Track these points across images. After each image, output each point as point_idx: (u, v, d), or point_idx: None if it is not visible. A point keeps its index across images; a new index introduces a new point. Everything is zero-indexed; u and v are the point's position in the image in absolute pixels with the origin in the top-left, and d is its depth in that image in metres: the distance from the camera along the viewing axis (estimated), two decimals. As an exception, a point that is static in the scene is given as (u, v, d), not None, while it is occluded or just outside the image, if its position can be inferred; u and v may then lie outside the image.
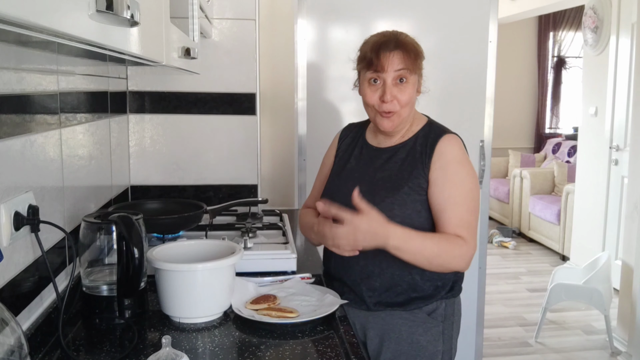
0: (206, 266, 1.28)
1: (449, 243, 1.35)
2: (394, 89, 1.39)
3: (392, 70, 1.38)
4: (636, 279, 3.11)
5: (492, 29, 2.55)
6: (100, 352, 1.14)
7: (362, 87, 1.45)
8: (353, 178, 1.48)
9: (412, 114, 1.49)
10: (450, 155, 1.40)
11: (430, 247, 1.33)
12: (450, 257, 1.35)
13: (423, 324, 1.45)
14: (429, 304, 1.46)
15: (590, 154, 4.65)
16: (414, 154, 1.44)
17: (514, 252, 5.40)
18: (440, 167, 1.39)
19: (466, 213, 1.37)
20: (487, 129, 2.63)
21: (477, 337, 2.75)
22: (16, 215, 1.06)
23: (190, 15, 1.48)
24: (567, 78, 7.46)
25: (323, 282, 1.56)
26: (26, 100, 1.15)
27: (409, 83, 1.40)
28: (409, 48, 1.40)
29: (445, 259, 1.35)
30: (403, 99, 1.40)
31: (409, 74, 1.40)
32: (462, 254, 1.35)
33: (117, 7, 0.62)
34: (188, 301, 1.27)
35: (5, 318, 0.78)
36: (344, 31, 2.52)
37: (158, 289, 1.30)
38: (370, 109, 1.45)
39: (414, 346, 1.44)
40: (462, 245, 1.35)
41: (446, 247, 1.35)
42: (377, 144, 1.52)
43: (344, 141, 1.61)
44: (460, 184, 1.38)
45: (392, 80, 1.39)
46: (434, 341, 1.45)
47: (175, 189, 2.25)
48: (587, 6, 4.68)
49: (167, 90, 2.20)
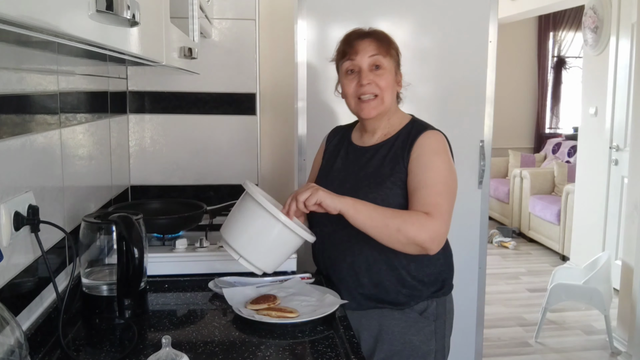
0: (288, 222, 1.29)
1: (409, 213, 1.35)
2: (370, 74, 1.43)
3: (365, 55, 1.42)
4: (636, 279, 3.11)
5: (492, 29, 2.55)
6: (100, 352, 1.14)
7: (341, 81, 1.49)
8: (339, 178, 1.52)
9: (395, 109, 1.52)
10: (427, 147, 1.42)
11: (384, 209, 1.33)
12: (409, 222, 1.32)
13: (415, 324, 1.46)
14: (419, 302, 1.47)
15: (590, 154, 4.65)
16: (395, 149, 1.46)
17: (514, 252, 5.40)
18: (416, 157, 1.41)
19: (436, 195, 1.37)
20: (487, 129, 2.63)
21: (477, 337, 2.74)
22: (16, 215, 1.06)
23: (190, 15, 1.48)
24: (567, 78, 7.46)
25: (323, 282, 1.56)
26: (26, 100, 1.15)
27: (385, 69, 1.44)
28: (380, 36, 1.46)
29: (401, 221, 1.32)
30: (381, 83, 1.43)
31: (383, 59, 1.43)
32: (423, 224, 1.32)
33: (117, 7, 0.62)
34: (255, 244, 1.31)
35: (5, 318, 0.78)
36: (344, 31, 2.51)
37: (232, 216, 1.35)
38: (350, 99, 1.48)
39: (407, 346, 1.45)
40: (425, 218, 1.33)
41: (404, 214, 1.34)
42: (362, 143, 1.54)
43: (331, 142, 1.64)
44: (432, 169, 1.39)
45: (368, 66, 1.43)
46: (427, 340, 1.46)
47: (175, 189, 2.25)
48: (587, 6, 4.67)
49: (167, 90, 2.20)
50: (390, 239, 1.33)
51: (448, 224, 1.38)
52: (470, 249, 2.66)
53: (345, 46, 1.47)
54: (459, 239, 2.60)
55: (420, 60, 2.45)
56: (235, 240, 1.33)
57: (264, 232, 1.31)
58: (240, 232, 1.33)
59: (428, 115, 2.41)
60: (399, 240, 1.33)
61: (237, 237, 1.33)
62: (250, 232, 1.32)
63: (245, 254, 1.33)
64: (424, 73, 2.47)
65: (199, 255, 1.60)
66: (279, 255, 1.37)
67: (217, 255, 1.60)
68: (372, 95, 1.44)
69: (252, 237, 1.32)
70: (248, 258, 1.33)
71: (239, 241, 1.33)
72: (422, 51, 2.47)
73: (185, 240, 1.63)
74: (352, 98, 1.47)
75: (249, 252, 1.33)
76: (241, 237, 1.32)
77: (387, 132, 1.51)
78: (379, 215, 1.32)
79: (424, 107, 2.47)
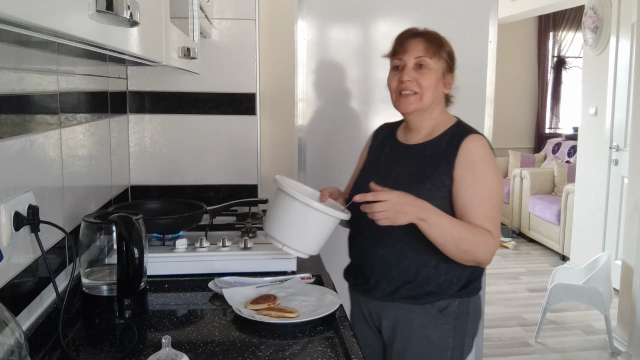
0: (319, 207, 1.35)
1: (477, 230, 1.38)
2: (413, 71, 1.47)
3: (412, 55, 1.46)
4: (636, 279, 3.11)
5: (492, 29, 2.55)
6: (100, 352, 1.14)
7: (388, 76, 1.53)
8: (381, 173, 1.53)
9: (441, 111, 1.55)
10: (476, 154, 1.44)
11: (460, 229, 1.36)
12: (477, 243, 1.37)
13: (434, 320, 1.48)
14: (441, 299, 1.48)
15: (590, 154, 4.65)
16: (439, 152, 1.47)
17: (514, 252, 5.40)
18: (465, 166, 1.43)
19: (492, 210, 1.41)
20: (487, 129, 2.63)
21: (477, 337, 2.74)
22: (16, 215, 1.06)
23: (190, 15, 1.48)
24: (567, 78, 7.45)
25: (323, 282, 1.56)
26: (26, 100, 1.15)
27: (429, 69, 1.47)
28: (431, 36, 1.49)
29: (472, 244, 1.37)
30: (423, 82, 1.46)
31: (429, 60, 1.46)
32: (488, 244, 1.39)
33: (117, 7, 0.62)
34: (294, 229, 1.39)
35: (5, 318, 0.78)
36: (344, 31, 2.52)
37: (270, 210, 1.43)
38: (392, 93, 1.51)
39: (423, 340, 1.48)
40: (489, 237, 1.38)
41: (475, 233, 1.37)
42: (406, 141, 1.57)
43: (377, 139, 1.66)
44: (485, 182, 1.42)
45: (413, 65, 1.47)
46: (444, 337, 1.48)
47: (175, 189, 2.25)
48: (587, 6, 4.67)
49: (167, 90, 2.20)
50: (455, 255, 1.39)
51: None
52: (470, 249, 2.65)
53: (396, 44, 1.51)
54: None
55: (420, 60, 2.45)
56: (277, 231, 1.40)
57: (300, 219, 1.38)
58: (279, 223, 1.40)
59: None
60: (464, 258, 1.40)
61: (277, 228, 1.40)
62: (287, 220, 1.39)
63: (288, 242, 1.39)
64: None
65: (199, 255, 1.60)
66: (319, 237, 1.42)
67: (217, 255, 1.60)
68: (411, 91, 1.47)
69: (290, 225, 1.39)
70: (291, 245, 1.40)
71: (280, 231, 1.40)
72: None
73: (185, 240, 1.63)
74: (394, 93, 1.50)
75: (291, 240, 1.39)
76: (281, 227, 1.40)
77: (432, 133, 1.53)
78: (451, 235, 1.35)
79: (424, 107, 2.47)
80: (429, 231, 1.34)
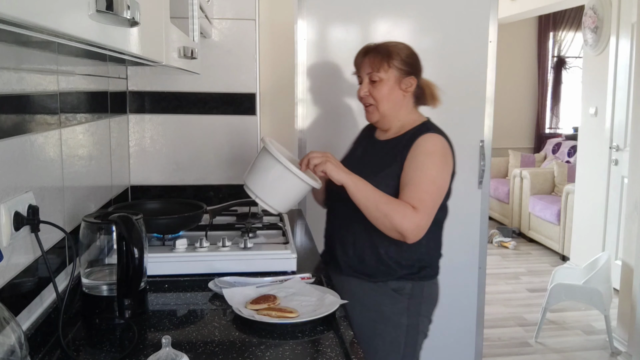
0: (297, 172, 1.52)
1: (399, 201, 1.54)
2: (368, 86, 1.66)
3: (364, 71, 1.67)
4: (636, 279, 3.11)
5: (492, 29, 2.56)
6: (100, 352, 1.14)
7: None
8: (352, 163, 1.68)
9: (409, 111, 1.71)
10: (423, 148, 1.60)
11: (381, 195, 1.53)
12: (394, 209, 1.51)
13: (389, 298, 1.65)
14: (391, 279, 1.65)
15: (590, 154, 4.65)
16: (400, 146, 1.64)
17: (514, 252, 5.41)
18: (411, 157, 1.60)
19: (422, 193, 1.55)
20: (487, 129, 2.63)
21: (477, 337, 2.75)
22: (16, 215, 1.06)
23: (190, 15, 1.48)
24: (567, 78, 7.45)
25: (323, 282, 1.56)
26: (26, 100, 1.15)
27: (381, 82, 1.64)
28: (380, 50, 1.65)
29: (391, 209, 1.51)
30: (377, 95, 1.65)
31: (379, 74, 1.64)
32: (408, 215, 1.51)
33: (117, 7, 0.62)
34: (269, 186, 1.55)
35: (5, 318, 0.78)
36: (344, 31, 2.52)
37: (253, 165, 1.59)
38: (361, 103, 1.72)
39: (378, 314, 1.65)
40: (409, 209, 1.52)
41: (395, 201, 1.54)
42: (379, 137, 1.76)
43: (362, 134, 1.88)
44: (423, 170, 1.57)
45: (368, 80, 1.66)
46: (399, 314, 1.65)
47: (175, 189, 2.25)
48: (587, 6, 4.67)
49: (167, 90, 2.20)
50: (377, 220, 1.54)
51: (430, 219, 1.56)
52: (470, 249, 2.66)
53: (354, 62, 1.71)
54: (459, 239, 2.60)
55: (420, 60, 2.45)
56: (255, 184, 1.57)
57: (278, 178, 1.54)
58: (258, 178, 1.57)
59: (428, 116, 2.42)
60: (384, 224, 1.54)
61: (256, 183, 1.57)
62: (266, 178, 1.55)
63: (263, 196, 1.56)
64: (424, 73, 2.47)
65: (199, 255, 1.60)
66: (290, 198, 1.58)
67: (217, 255, 1.60)
68: (369, 104, 1.68)
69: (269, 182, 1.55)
70: (265, 200, 1.56)
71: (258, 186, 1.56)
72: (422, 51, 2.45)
73: (185, 240, 1.63)
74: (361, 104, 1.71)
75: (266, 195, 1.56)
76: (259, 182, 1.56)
77: (399, 130, 1.70)
78: (374, 198, 1.52)
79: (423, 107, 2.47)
80: (355, 191, 1.52)
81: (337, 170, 1.53)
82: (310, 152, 1.56)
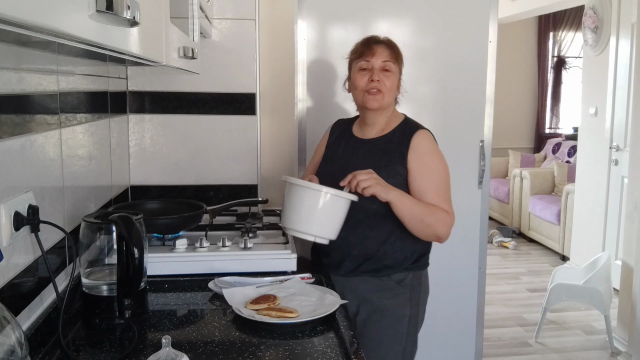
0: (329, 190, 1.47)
1: (436, 208, 1.60)
2: (380, 73, 1.66)
3: (379, 59, 1.66)
4: (636, 279, 3.11)
5: (492, 29, 2.55)
6: (100, 352, 1.14)
7: (353, 76, 1.71)
8: (339, 165, 1.70)
9: (392, 108, 1.74)
10: (425, 147, 1.65)
11: (422, 205, 1.58)
12: (437, 219, 1.58)
13: (391, 291, 1.66)
14: (397, 272, 1.67)
15: (590, 154, 4.65)
16: (392, 145, 1.67)
17: (514, 252, 5.40)
18: (417, 158, 1.63)
19: (445, 192, 1.64)
20: (487, 129, 2.63)
21: (477, 337, 2.74)
22: (16, 215, 1.06)
23: (190, 15, 1.48)
24: (567, 78, 7.45)
25: (323, 282, 1.56)
26: (26, 100, 1.15)
27: (392, 73, 1.67)
28: (393, 45, 1.70)
29: (435, 219, 1.58)
30: (388, 83, 1.67)
31: (393, 65, 1.67)
32: (446, 220, 1.60)
33: (117, 7, 0.62)
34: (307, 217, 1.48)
35: (5, 318, 0.78)
36: (344, 31, 2.52)
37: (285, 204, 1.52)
38: (359, 92, 1.69)
39: (383, 309, 1.65)
40: (445, 214, 1.60)
41: (434, 210, 1.59)
42: (362, 136, 1.75)
43: (334, 134, 1.84)
44: (436, 170, 1.64)
45: (379, 67, 1.66)
46: (402, 306, 1.67)
47: (175, 189, 2.25)
48: (587, 6, 4.67)
49: (167, 90, 2.20)
50: (419, 231, 1.60)
51: None
52: (470, 249, 2.66)
53: (363, 48, 1.69)
54: (459, 239, 2.60)
55: (420, 60, 2.45)
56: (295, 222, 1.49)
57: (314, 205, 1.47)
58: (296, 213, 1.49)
59: (428, 115, 2.42)
60: (426, 233, 1.61)
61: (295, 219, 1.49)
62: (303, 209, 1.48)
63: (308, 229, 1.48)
64: (424, 73, 2.47)
65: (199, 255, 1.60)
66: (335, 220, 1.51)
67: (217, 255, 1.60)
68: (377, 90, 1.66)
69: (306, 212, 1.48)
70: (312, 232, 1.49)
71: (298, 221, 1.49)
72: (422, 51, 2.47)
73: (185, 240, 1.63)
74: (361, 91, 1.68)
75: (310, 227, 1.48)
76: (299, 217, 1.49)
77: (384, 129, 1.71)
78: (418, 211, 1.56)
79: (424, 107, 2.47)
80: (402, 207, 1.54)
81: (386, 191, 1.52)
82: (356, 174, 1.51)
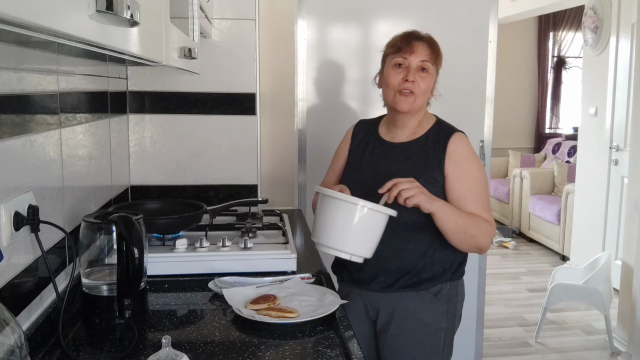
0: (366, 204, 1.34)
1: (479, 218, 1.51)
2: (416, 74, 1.54)
3: (418, 57, 1.54)
4: (636, 279, 3.11)
5: (492, 29, 2.56)
6: (100, 352, 1.14)
7: (387, 71, 1.58)
8: (368, 170, 1.61)
9: (424, 111, 1.63)
10: (462, 152, 1.55)
11: (465, 217, 1.48)
12: (481, 229, 1.50)
13: (429, 304, 1.57)
14: (436, 285, 1.57)
15: (590, 154, 4.65)
16: (426, 150, 1.56)
17: (514, 252, 5.40)
18: (455, 163, 1.53)
19: (485, 200, 1.55)
20: (487, 129, 2.63)
21: (477, 337, 2.74)
22: (16, 215, 1.06)
23: (190, 15, 1.48)
24: (567, 78, 7.45)
25: (323, 282, 1.56)
26: (26, 100, 1.15)
27: (429, 74, 1.55)
28: (433, 42, 1.58)
29: (478, 230, 1.49)
30: (422, 85, 1.54)
31: (431, 66, 1.55)
32: (489, 230, 1.52)
33: (117, 7, 0.62)
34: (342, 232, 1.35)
35: (5, 318, 0.78)
36: (344, 31, 2.52)
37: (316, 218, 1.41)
38: (390, 90, 1.56)
39: (419, 323, 1.57)
40: (488, 224, 1.52)
41: (478, 220, 1.50)
42: (391, 139, 1.63)
43: (358, 136, 1.72)
44: (476, 177, 1.54)
45: (416, 67, 1.54)
46: (439, 319, 1.58)
47: (175, 189, 2.25)
48: (587, 6, 4.67)
49: (167, 90, 2.20)
50: (462, 242, 1.50)
51: None
52: (470, 249, 2.65)
53: (402, 43, 1.56)
54: (459, 239, 2.60)
55: (420, 60, 2.45)
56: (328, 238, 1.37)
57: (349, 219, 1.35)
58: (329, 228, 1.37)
59: (428, 115, 2.41)
60: (468, 245, 1.51)
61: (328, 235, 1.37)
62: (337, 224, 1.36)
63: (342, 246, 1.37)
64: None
65: (199, 255, 1.60)
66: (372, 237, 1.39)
67: (217, 255, 1.60)
68: (410, 92, 1.53)
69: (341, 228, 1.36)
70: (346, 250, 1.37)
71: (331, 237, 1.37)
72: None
73: (185, 240, 1.63)
74: (393, 90, 1.56)
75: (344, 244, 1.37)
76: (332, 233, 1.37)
77: (416, 132, 1.60)
78: (462, 223, 1.46)
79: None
80: (445, 218, 1.44)
81: (430, 201, 1.41)
82: (398, 182, 1.39)
